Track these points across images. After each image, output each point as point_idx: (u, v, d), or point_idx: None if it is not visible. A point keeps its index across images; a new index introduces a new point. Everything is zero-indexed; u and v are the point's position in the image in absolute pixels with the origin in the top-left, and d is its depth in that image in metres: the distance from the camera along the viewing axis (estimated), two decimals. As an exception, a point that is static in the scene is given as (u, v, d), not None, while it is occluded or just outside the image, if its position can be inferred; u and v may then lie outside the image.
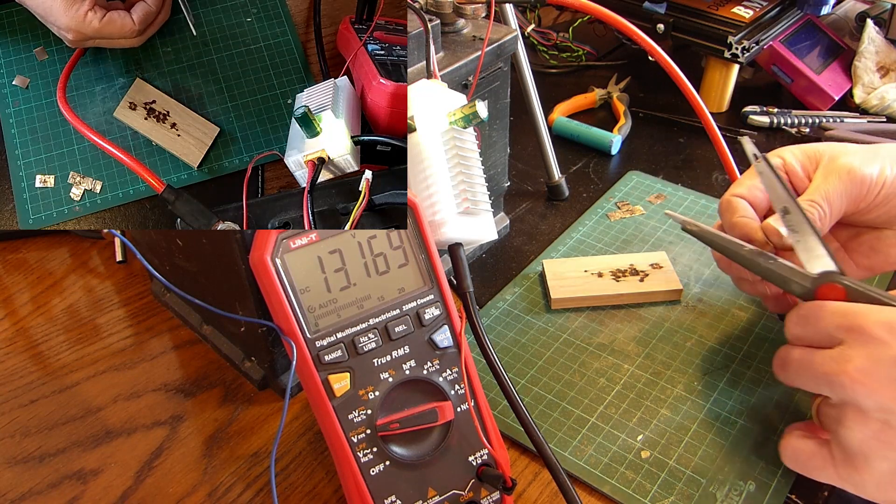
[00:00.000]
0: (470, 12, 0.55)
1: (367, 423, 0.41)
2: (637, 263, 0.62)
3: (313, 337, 0.41)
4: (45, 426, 0.52)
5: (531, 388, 0.54)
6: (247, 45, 0.58)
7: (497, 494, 0.44)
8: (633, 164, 0.79)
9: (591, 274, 0.61)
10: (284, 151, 0.48)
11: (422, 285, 0.44)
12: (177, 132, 0.55)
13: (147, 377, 0.56)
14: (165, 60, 0.57)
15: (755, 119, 0.83)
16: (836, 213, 0.48)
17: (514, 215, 0.71)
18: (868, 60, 0.86)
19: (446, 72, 0.52)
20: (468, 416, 0.43)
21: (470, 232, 0.45)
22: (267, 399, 0.54)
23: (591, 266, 0.62)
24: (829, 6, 0.83)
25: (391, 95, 0.48)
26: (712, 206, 0.71)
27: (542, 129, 0.72)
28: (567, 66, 0.99)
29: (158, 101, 0.55)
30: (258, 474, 0.49)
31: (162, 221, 0.54)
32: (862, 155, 0.48)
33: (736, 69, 0.85)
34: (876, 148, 0.49)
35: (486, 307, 0.61)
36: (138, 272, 0.66)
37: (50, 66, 0.56)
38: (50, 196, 0.53)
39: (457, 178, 0.44)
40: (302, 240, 0.41)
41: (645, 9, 0.84)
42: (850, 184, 0.47)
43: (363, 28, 0.55)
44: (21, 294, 0.65)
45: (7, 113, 0.55)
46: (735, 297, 0.60)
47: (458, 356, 0.44)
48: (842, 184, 0.47)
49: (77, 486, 0.48)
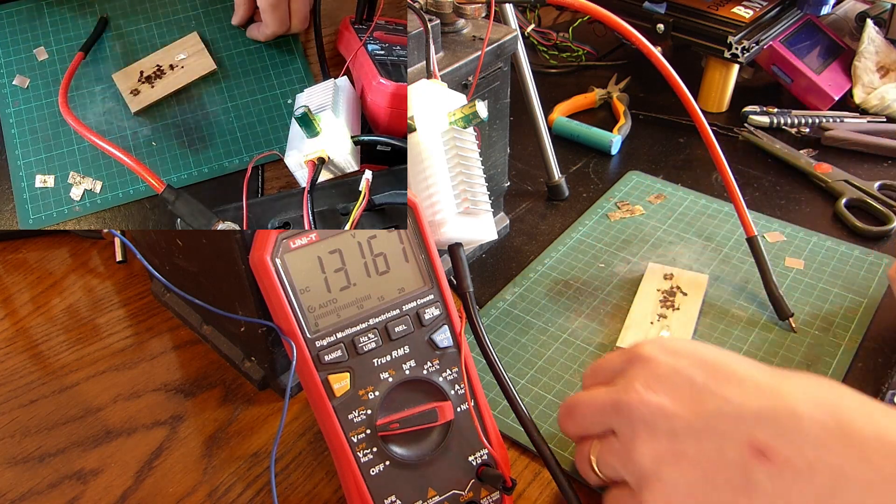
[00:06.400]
0: (470, 12, 0.55)
1: (367, 423, 0.41)
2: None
3: (313, 337, 0.41)
4: (45, 426, 0.52)
5: (531, 388, 0.54)
6: (247, 45, 0.58)
7: (497, 494, 0.44)
8: (633, 164, 0.79)
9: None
10: (284, 151, 0.48)
11: (422, 285, 0.44)
12: (181, 67, 0.56)
13: (147, 377, 0.56)
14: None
15: (755, 119, 0.83)
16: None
17: (514, 215, 0.71)
18: (868, 60, 0.86)
19: (446, 72, 0.52)
20: (468, 416, 0.43)
21: (470, 232, 0.45)
22: (267, 399, 0.54)
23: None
24: (829, 6, 0.83)
25: (391, 95, 0.48)
26: (712, 206, 0.71)
27: (542, 129, 0.72)
28: (567, 66, 0.99)
29: (144, 69, 0.56)
30: (258, 474, 0.49)
31: (162, 221, 0.54)
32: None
33: (736, 69, 0.85)
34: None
35: (486, 307, 0.61)
36: (138, 272, 0.66)
37: (50, 66, 0.56)
38: (50, 196, 0.53)
39: (457, 178, 0.44)
40: (302, 240, 0.41)
41: (645, 9, 0.84)
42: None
43: (363, 28, 0.55)
44: (21, 294, 0.65)
45: (7, 113, 0.55)
46: (735, 296, 0.60)
47: (458, 356, 0.44)
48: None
49: (77, 486, 0.48)
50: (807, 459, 0.34)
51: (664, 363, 0.40)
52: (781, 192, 0.74)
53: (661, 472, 0.38)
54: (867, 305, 0.59)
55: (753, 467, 0.35)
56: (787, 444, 0.34)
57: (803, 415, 0.35)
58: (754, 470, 0.35)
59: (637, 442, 0.39)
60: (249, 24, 0.58)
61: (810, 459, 0.34)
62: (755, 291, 0.61)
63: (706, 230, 0.68)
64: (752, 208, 0.70)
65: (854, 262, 0.63)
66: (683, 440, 0.37)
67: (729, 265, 0.64)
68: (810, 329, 0.57)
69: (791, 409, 0.35)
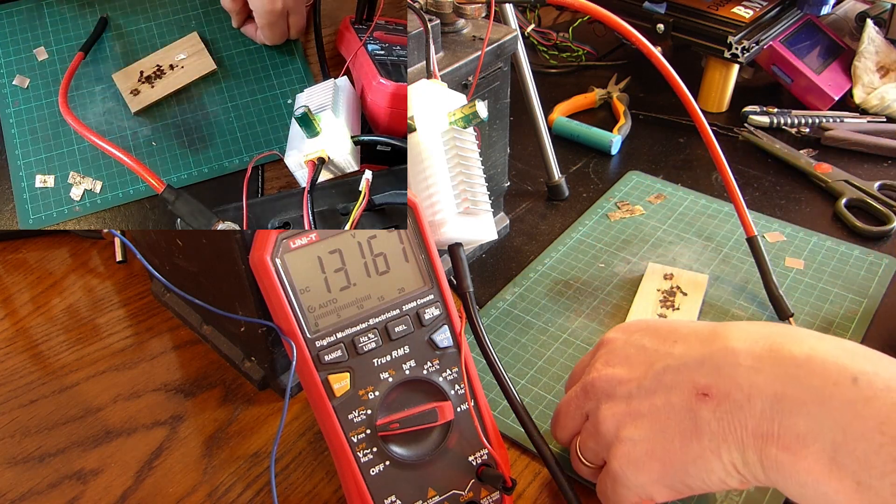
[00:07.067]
0: (470, 12, 0.55)
1: (367, 423, 0.41)
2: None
3: (313, 337, 0.41)
4: (45, 426, 0.52)
5: (531, 388, 0.54)
6: (247, 45, 0.58)
7: (497, 494, 0.44)
8: (633, 164, 0.79)
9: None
10: (284, 151, 0.48)
11: (422, 285, 0.44)
12: (181, 67, 0.56)
13: (147, 377, 0.56)
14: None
15: (755, 119, 0.83)
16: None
17: (514, 215, 0.71)
18: (868, 60, 0.86)
19: (446, 72, 0.52)
20: (468, 416, 0.43)
21: (470, 232, 0.45)
22: (267, 399, 0.54)
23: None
24: (829, 6, 0.83)
25: (391, 95, 0.48)
26: (712, 206, 0.71)
27: (542, 129, 0.72)
28: (567, 66, 0.99)
29: (144, 69, 0.56)
30: (258, 474, 0.49)
31: (162, 221, 0.54)
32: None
33: (736, 69, 0.85)
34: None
35: (486, 307, 0.61)
36: (138, 272, 0.66)
37: (50, 66, 0.56)
38: (50, 196, 0.53)
39: (457, 178, 0.44)
40: (302, 240, 0.41)
41: (645, 9, 0.84)
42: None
43: (363, 28, 0.55)
44: (21, 294, 0.65)
45: (7, 113, 0.55)
46: (735, 296, 0.60)
47: (458, 356, 0.44)
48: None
49: (77, 486, 0.48)
50: (744, 389, 0.35)
51: (620, 339, 0.44)
52: (781, 192, 0.74)
53: (620, 433, 0.40)
54: (867, 305, 0.59)
55: (699, 409, 0.37)
56: (724, 380, 0.36)
57: (738, 350, 0.37)
58: (700, 411, 0.37)
59: (600, 413, 0.41)
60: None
61: (747, 388, 0.35)
62: (755, 291, 0.61)
63: (706, 230, 0.68)
64: (752, 208, 0.70)
65: (854, 262, 0.63)
66: (637, 400, 0.40)
67: (729, 265, 0.64)
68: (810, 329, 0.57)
69: (727, 347, 0.37)
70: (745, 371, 0.36)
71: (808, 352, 0.35)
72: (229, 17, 0.58)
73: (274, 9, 0.54)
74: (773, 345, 0.36)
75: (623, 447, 0.39)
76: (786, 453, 0.34)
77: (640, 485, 0.39)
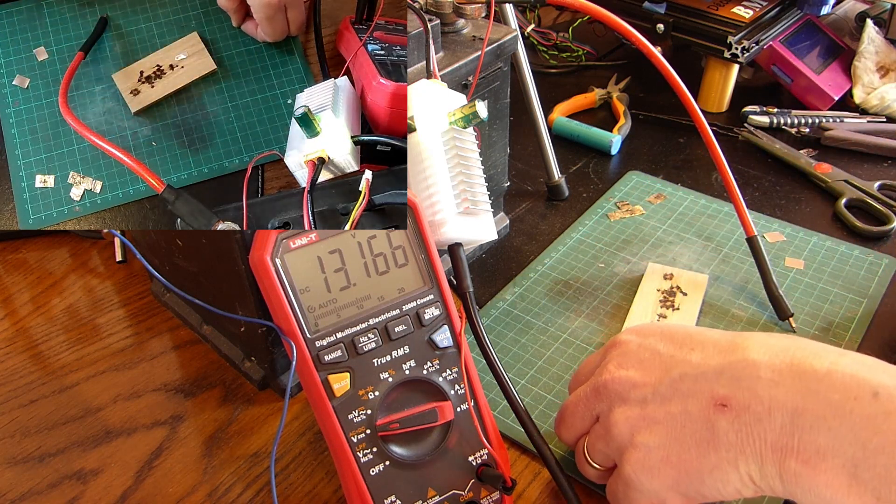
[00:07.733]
0: (470, 12, 0.55)
1: (367, 423, 0.41)
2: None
3: (313, 337, 0.41)
4: (45, 426, 0.52)
5: (531, 388, 0.54)
6: (247, 45, 0.58)
7: (497, 494, 0.44)
8: (633, 164, 0.79)
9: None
10: (284, 151, 0.48)
11: (422, 285, 0.44)
12: (181, 67, 0.56)
13: (147, 377, 0.56)
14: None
15: (755, 119, 0.83)
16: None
17: (514, 215, 0.71)
18: (868, 60, 0.86)
19: (446, 72, 0.52)
20: (468, 416, 0.43)
21: (470, 232, 0.45)
22: (267, 399, 0.54)
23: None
24: (829, 6, 0.83)
25: (391, 95, 0.48)
26: (712, 206, 0.71)
27: (542, 129, 0.72)
28: (567, 66, 0.99)
29: (144, 69, 0.56)
30: (258, 474, 0.49)
31: (162, 221, 0.54)
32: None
33: (736, 69, 0.85)
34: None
35: (486, 307, 0.61)
36: (138, 272, 0.66)
37: (50, 66, 0.56)
38: (50, 196, 0.53)
39: (457, 178, 0.44)
40: (302, 240, 0.41)
41: (645, 9, 0.84)
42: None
43: (363, 28, 0.55)
44: (21, 294, 0.65)
45: (7, 113, 0.55)
46: (735, 296, 0.60)
47: (458, 356, 0.44)
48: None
49: (77, 486, 0.48)
50: (764, 402, 0.35)
51: (633, 342, 0.43)
52: (781, 192, 0.74)
53: (634, 439, 0.39)
54: (867, 305, 0.59)
55: (716, 419, 0.37)
56: (744, 391, 0.36)
57: (759, 362, 0.36)
58: (717, 421, 0.37)
59: (612, 416, 0.41)
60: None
61: (767, 401, 0.35)
62: (755, 291, 0.61)
63: (706, 230, 0.68)
64: (752, 208, 0.70)
65: (854, 262, 0.63)
66: (652, 406, 0.39)
67: (729, 265, 0.64)
68: (810, 329, 0.57)
69: (747, 359, 0.37)
70: (766, 384, 0.36)
71: (829, 366, 0.35)
72: (229, 17, 0.58)
73: (271, 2, 0.54)
74: (794, 359, 0.36)
75: (637, 452, 0.39)
76: (805, 467, 0.34)
77: (653, 490, 0.39)
